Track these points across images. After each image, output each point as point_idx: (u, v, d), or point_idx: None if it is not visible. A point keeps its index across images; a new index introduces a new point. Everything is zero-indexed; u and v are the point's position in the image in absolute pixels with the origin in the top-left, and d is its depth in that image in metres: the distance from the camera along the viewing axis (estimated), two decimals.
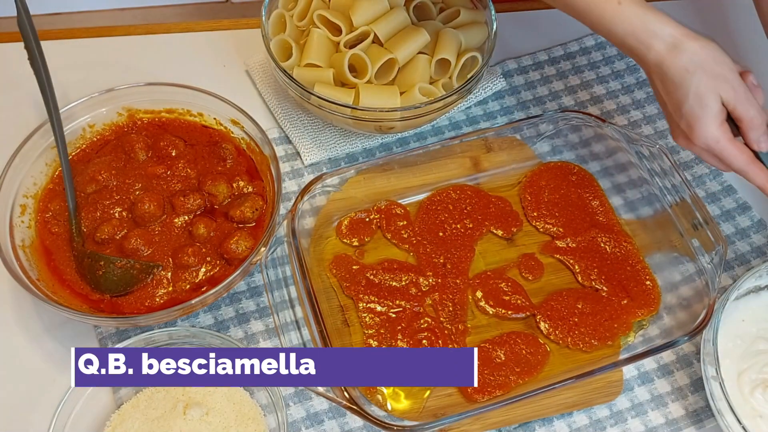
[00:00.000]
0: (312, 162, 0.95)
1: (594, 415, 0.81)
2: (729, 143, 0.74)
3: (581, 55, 1.08)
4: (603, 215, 0.90)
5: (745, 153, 0.75)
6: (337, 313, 0.83)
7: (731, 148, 0.74)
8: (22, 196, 0.82)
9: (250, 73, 1.02)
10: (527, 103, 1.03)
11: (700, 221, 0.82)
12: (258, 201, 0.84)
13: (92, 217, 0.83)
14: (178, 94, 0.89)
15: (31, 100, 0.92)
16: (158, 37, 1.05)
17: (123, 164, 0.87)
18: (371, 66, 0.89)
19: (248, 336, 0.83)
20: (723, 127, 0.74)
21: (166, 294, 0.80)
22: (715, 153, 0.75)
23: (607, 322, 0.83)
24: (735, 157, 0.75)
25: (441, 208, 0.89)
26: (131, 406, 0.76)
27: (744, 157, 0.75)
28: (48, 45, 0.84)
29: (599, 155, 0.94)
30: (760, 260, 0.92)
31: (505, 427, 0.80)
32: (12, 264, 0.76)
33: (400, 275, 0.85)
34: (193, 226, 0.83)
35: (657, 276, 0.86)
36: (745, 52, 1.10)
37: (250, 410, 0.77)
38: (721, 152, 0.75)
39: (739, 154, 0.75)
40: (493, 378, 0.79)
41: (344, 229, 0.88)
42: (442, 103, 0.87)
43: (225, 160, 0.87)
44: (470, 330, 0.83)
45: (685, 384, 0.84)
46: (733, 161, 0.75)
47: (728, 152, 0.74)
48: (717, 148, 0.74)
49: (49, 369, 0.80)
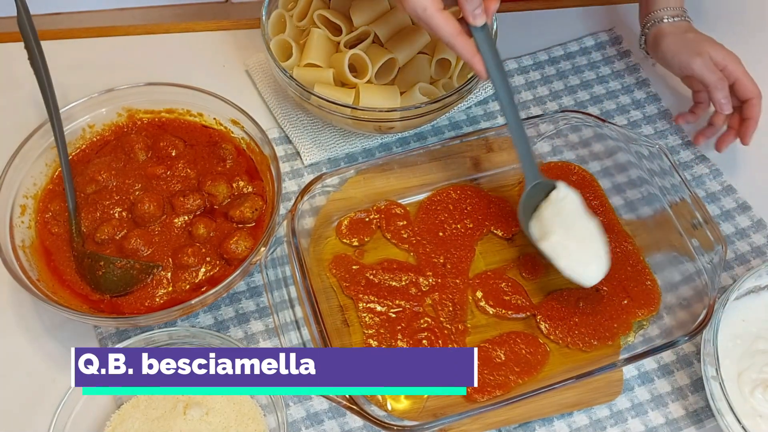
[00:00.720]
0: (312, 162, 0.95)
1: (594, 415, 0.81)
2: (437, 12, 0.73)
3: (581, 55, 1.08)
4: (603, 215, 0.90)
5: (451, 24, 0.74)
6: (337, 313, 0.83)
7: (439, 18, 0.73)
8: (22, 197, 0.82)
9: (250, 73, 1.02)
10: (527, 103, 1.03)
11: (700, 221, 0.82)
12: (258, 201, 0.84)
13: (92, 218, 0.83)
14: (178, 94, 0.89)
15: (31, 100, 0.92)
16: (158, 37, 1.05)
17: (123, 164, 0.87)
18: (371, 66, 0.89)
19: (248, 336, 0.83)
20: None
21: (166, 294, 0.80)
22: (424, 22, 0.74)
23: (607, 322, 0.83)
24: (441, 27, 0.74)
25: (441, 208, 0.89)
26: (131, 406, 0.76)
27: (450, 28, 0.74)
28: (48, 45, 0.84)
29: (599, 155, 0.94)
30: (760, 260, 0.92)
31: (505, 427, 0.80)
32: (12, 264, 0.76)
33: (400, 275, 0.85)
34: (192, 226, 0.83)
35: (657, 276, 0.86)
36: (746, 46, 1.10)
37: (250, 410, 0.77)
38: (429, 21, 0.73)
39: (445, 24, 0.74)
40: (493, 378, 0.79)
41: (344, 229, 0.88)
42: (442, 103, 0.87)
43: (225, 160, 0.87)
44: (470, 330, 0.83)
45: (685, 384, 0.84)
46: (440, 31, 0.74)
47: (435, 21, 0.73)
48: (424, 17, 0.73)
49: (49, 369, 0.80)
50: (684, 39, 0.96)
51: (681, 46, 0.96)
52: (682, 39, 0.96)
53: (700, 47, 0.94)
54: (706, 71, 0.93)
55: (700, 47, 0.94)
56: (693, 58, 0.94)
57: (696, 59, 0.94)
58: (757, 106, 0.94)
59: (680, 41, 0.96)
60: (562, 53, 1.08)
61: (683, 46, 0.96)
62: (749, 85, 0.93)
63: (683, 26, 0.98)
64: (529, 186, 0.83)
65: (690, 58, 0.94)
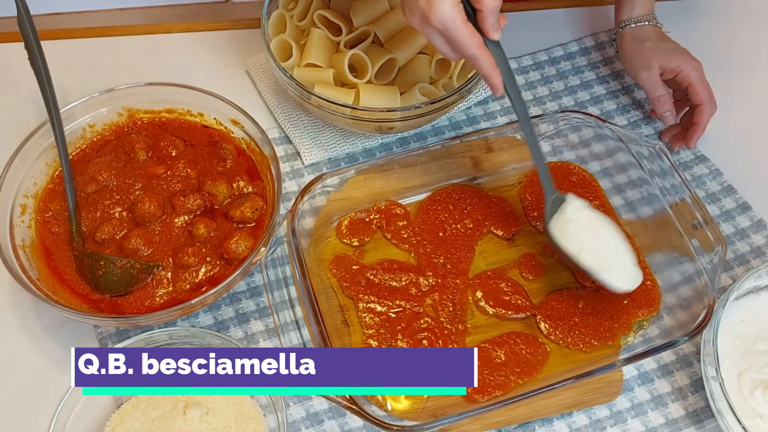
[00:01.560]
0: (312, 162, 0.95)
1: (594, 415, 0.81)
2: (464, 24, 0.72)
3: (581, 56, 1.08)
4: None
5: (477, 36, 0.73)
6: (337, 313, 0.83)
7: (465, 30, 0.73)
8: (22, 196, 0.82)
9: (250, 73, 1.02)
10: (527, 103, 1.03)
11: (700, 221, 0.82)
12: (258, 201, 0.84)
13: (92, 217, 0.83)
14: (178, 94, 0.89)
15: (31, 100, 0.92)
16: (158, 37, 1.05)
17: (123, 164, 0.87)
18: (371, 66, 0.89)
19: (248, 336, 0.83)
20: (458, 7, 0.72)
21: (166, 294, 0.80)
22: (450, 34, 0.73)
23: (607, 323, 0.83)
24: (468, 39, 0.73)
25: (441, 208, 0.89)
26: (131, 406, 0.76)
27: (476, 40, 0.73)
28: (48, 45, 0.84)
29: (599, 155, 0.94)
30: (759, 260, 0.92)
31: (505, 427, 0.80)
32: (12, 264, 0.76)
33: (400, 275, 0.85)
34: (193, 226, 0.83)
35: (657, 276, 0.86)
36: (743, 53, 1.10)
37: (250, 410, 0.77)
38: (456, 33, 0.73)
39: (472, 36, 0.73)
40: (493, 378, 0.79)
41: (344, 229, 0.88)
42: (442, 103, 0.87)
43: (225, 160, 0.87)
44: (470, 330, 0.83)
45: (685, 384, 0.84)
46: (466, 43, 0.73)
47: (462, 34, 0.72)
48: (452, 28, 0.72)
49: (49, 369, 0.80)
50: (640, 48, 0.98)
51: (634, 55, 0.98)
52: (638, 48, 0.98)
53: (650, 59, 0.96)
54: (650, 85, 0.96)
55: (651, 59, 0.96)
56: (640, 71, 0.97)
57: (642, 72, 0.97)
58: (704, 113, 0.95)
59: (635, 50, 0.98)
60: (562, 53, 1.08)
61: (636, 55, 0.98)
62: (699, 91, 0.94)
63: (647, 32, 0.99)
64: (549, 201, 0.82)
65: (638, 71, 0.97)
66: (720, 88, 0.96)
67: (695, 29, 1.07)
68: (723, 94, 0.97)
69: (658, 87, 0.96)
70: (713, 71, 0.96)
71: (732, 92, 1.04)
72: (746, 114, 1.04)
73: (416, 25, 0.75)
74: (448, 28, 0.72)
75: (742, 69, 1.08)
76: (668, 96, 0.97)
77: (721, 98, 0.96)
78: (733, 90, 1.05)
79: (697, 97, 0.95)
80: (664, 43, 0.98)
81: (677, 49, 0.97)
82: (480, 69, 0.74)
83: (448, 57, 0.76)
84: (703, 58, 0.96)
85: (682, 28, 0.98)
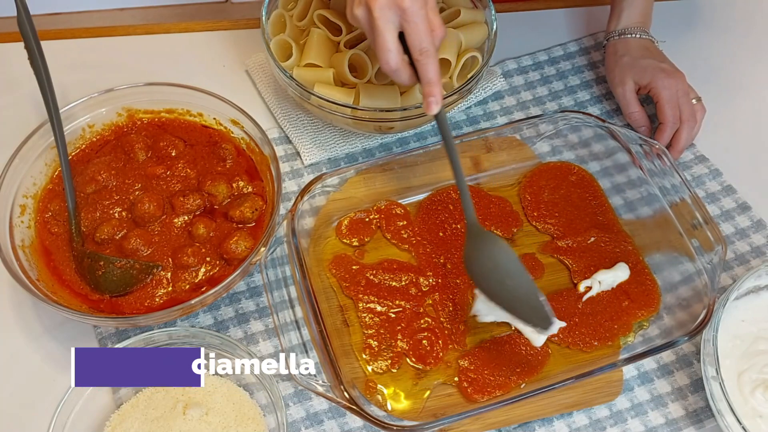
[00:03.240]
0: (312, 162, 0.95)
1: (594, 415, 0.81)
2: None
3: (581, 56, 1.08)
4: (603, 215, 0.90)
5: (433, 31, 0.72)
6: (337, 313, 0.83)
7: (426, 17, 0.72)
8: (21, 196, 0.82)
9: (250, 73, 1.02)
10: (527, 103, 1.03)
11: (700, 221, 0.82)
12: (258, 201, 0.84)
13: (92, 217, 0.83)
14: (178, 94, 0.89)
15: (31, 100, 0.92)
16: (158, 37, 1.05)
17: (123, 164, 0.87)
18: (371, 66, 0.89)
19: (248, 336, 0.83)
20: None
21: (166, 294, 0.80)
22: (409, 16, 0.71)
23: (607, 323, 0.83)
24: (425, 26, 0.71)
25: (441, 208, 0.89)
26: (131, 406, 0.76)
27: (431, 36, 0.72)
28: (48, 45, 0.84)
29: (599, 155, 0.94)
30: (759, 260, 0.92)
31: (505, 427, 0.80)
32: (12, 264, 0.76)
33: (400, 275, 0.84)
34: (192, 226, 0.83)
35: (657, 276, 0.86)
36: (741, 53, 1.10)
37: (249, 410, 0.77)
38: (414, 16, 0.71)
39: (427, 30, 0.72)
40: (493, 378, 0.79)
41: (344, 229, 0.88)
42: None
43: (225, 160, 0.87)
44: (470, 330, 0.83)
45: (685, 384, 0.84)
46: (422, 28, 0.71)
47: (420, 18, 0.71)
48: (413, 10, 0.71)
49: (49, 369, 0.80)
50: (617, 62, 0.99)
51: (613, 69, 1.00)
52: (615, 62, 0.99)
53: (625, 74, 0.98)
54: (623, 101, 0.99)
55: (626, 75, 0.98)
56: (615, 86, 0.99)
57: (617, 88, 0.99)
58: (664, 131, 0.95)
59: (613, 64, 1.00)
60: (562, 53, 1.08)
61: (613, 70, 1.00)
62: (664, 110, 0.95)
63: (629, 45, 0.99)
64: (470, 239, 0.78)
65: (613, 85, 1.00)
66: (720, 87, 0.96)
67: (695, 29, 1.07)
68: (723, 94, 0.97)
69: (630, 103, 0.98)
70: (713, 71, 0.97)
71: (732, 92, 1.04)
72: (746, 114, 1.04)
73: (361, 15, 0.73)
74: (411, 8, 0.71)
75: (743, 69, 1.08)
76: (641, 113, 0.98)
77: (721, 98, 0.96)
78: (734, 90, 1.05)
79: (660, 115, 0.96)
80: (643, 60, 0.98)
81: (653, 65, 0.97)
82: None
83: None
84: (702, 57, 0.96)
85: (681, 29, 0.98)
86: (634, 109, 0.98)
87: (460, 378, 0.80)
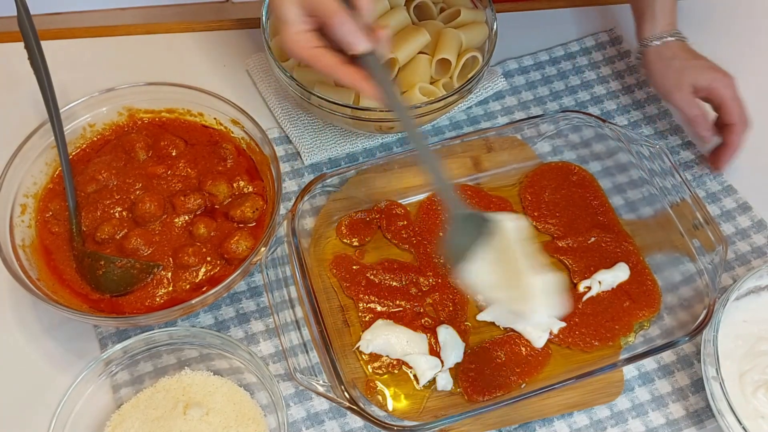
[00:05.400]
0: (312, 162, 0.95)
1: (594, 416, 0.81)
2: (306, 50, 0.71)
3: (582, 55, 1.08)
4: (603, 215, 0.90)
5: (327, 57, 0.71)
6: (337, 313, 0.83)
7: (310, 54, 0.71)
8: (22, 196, 0.82)
9: (250, 73, 1.02)
10: (528, 103, 1.03)
11: (701, 221, 0.82)
12: (258, 201, 0.84)
13: (92, 217, 0.83)
14: (178, 93, 0.89)
15: (31, 100, 0.92)
16: (158, 37, 1.05)
17: (123, 164, 0.87)
18: None
19: (248, 336, 0.83)
20: (305, 35, 0.71)
21: (166, 294, 0.80)
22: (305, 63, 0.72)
23: (607, 323, 0.83)
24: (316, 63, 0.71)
25: (441, 208, 0.89)
26: (131, 406, 0.76)
27: (327, 60, 0.71)
28: (48, 45, 0.84)
29: (600, 155, 0.94)
30: (760, 260, 0.92)
31: (506, 427, 0.80)
32: (12, 264, 0.76)
33: (400, 275, 0.84)
34: (193, 225, 0.83)
35: (657, 276, 0.86)
36: (743, 53, 1.10)
37: (250, 410, 0.77)
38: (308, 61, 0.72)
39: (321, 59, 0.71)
40: (494, 378, 0.79)
41: (344, 229, 0.88)
42: (442, 103, 0.87)
43: (225, 160, 0.87)
44: (470, 330, 0.83)
45: (685, 384, 0.84)
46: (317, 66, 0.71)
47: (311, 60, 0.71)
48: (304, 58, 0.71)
49: (49, 369, 0.80)
50: (668, 67, 0.94)
51: (664, 74, 0.94)
52: (666, 66, 0.94)
53: (681, 78, 0.92)
54: (685, 106, 0.93)
55: (682, 78, 0.92)
56: (673, 92, 0.93)
57: (675, 93, 0.93)
58: (736, 133, 0.91)
59: (664, 69, 0.94)
60: (563, 53, 1.08)
61: (665, 76, 0.94)
62: (732, 111, 0.91)
63: (672, 48, 0.94)
64: (453, 220, 0.71)
65: (670, 92, 0.94)
66: None
67: (695, 29, 1.06)
68: None
69: (693, 106, 0.92)
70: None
71: None
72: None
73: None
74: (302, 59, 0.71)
75: (743, 68, 1.08)
76: (704, 116, 0.93)
77: None
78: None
79: (728, 116, 0.91)
80: (694, 60, 0.93)
81: (707, 65, 0.93)
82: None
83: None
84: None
85: (680, 29, 0.98)
86: (698, 112, 0.92)
87: (460, 378, 0.79)
